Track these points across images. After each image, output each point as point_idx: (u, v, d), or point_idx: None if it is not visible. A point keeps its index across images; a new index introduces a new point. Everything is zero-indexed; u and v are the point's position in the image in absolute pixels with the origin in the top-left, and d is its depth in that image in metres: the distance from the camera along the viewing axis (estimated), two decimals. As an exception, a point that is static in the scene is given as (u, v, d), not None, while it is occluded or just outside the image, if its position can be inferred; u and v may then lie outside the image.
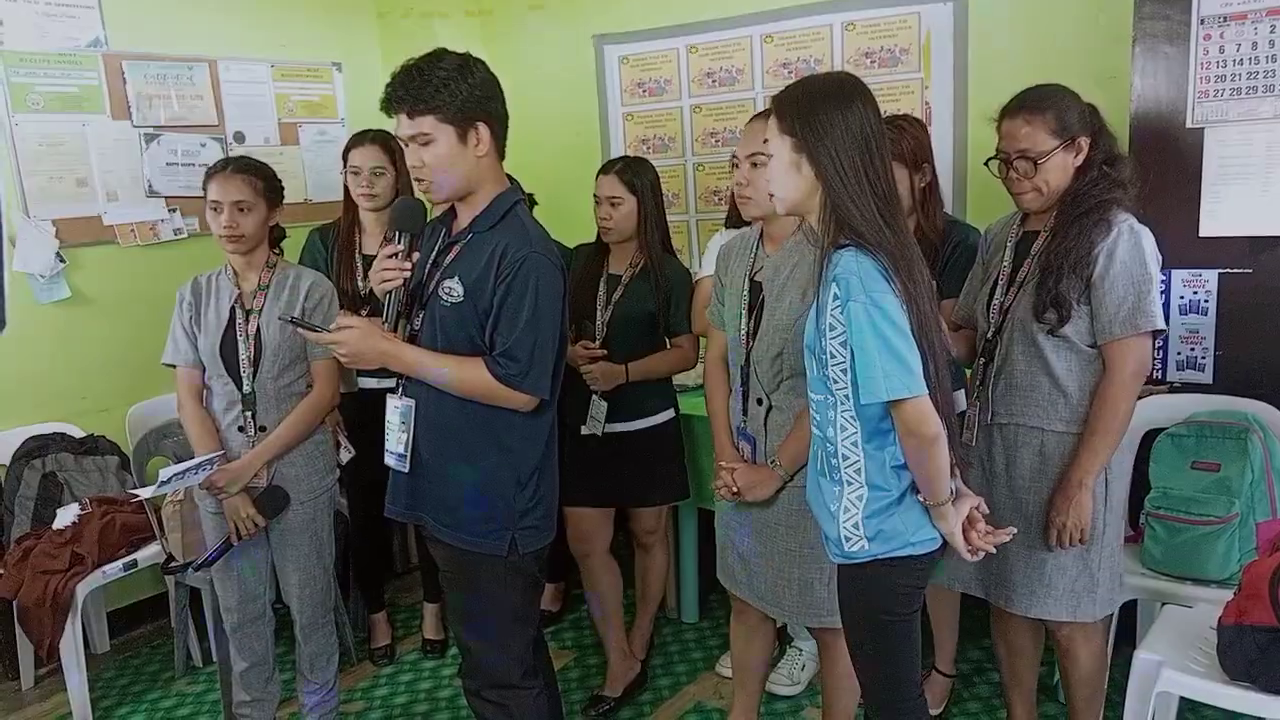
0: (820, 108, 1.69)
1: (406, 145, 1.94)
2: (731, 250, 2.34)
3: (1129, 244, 2.02)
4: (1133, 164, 2.12)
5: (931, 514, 1.76)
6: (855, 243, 1.67)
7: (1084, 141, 2.09)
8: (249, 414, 2.48)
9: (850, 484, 1.76)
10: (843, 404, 1.73)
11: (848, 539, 1.76)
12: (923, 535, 1.76)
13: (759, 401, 2.20)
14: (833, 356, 1.69)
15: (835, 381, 1.72)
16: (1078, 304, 2.05)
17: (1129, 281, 2.01)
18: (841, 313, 1.65)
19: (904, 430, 1.68)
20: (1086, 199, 2.06)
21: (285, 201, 2.63)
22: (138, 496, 2.56)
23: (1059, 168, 2.09)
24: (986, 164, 2.21)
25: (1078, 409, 2.10)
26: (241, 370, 2.46)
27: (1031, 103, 2.11)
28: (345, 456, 2.83)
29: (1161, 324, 2.03)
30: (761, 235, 2.26)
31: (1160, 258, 2.09)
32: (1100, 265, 2.03)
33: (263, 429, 2.48)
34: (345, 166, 3.07)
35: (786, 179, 1.74)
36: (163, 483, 2.34)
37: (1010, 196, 2.20)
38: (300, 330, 2.13)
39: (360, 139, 3.03)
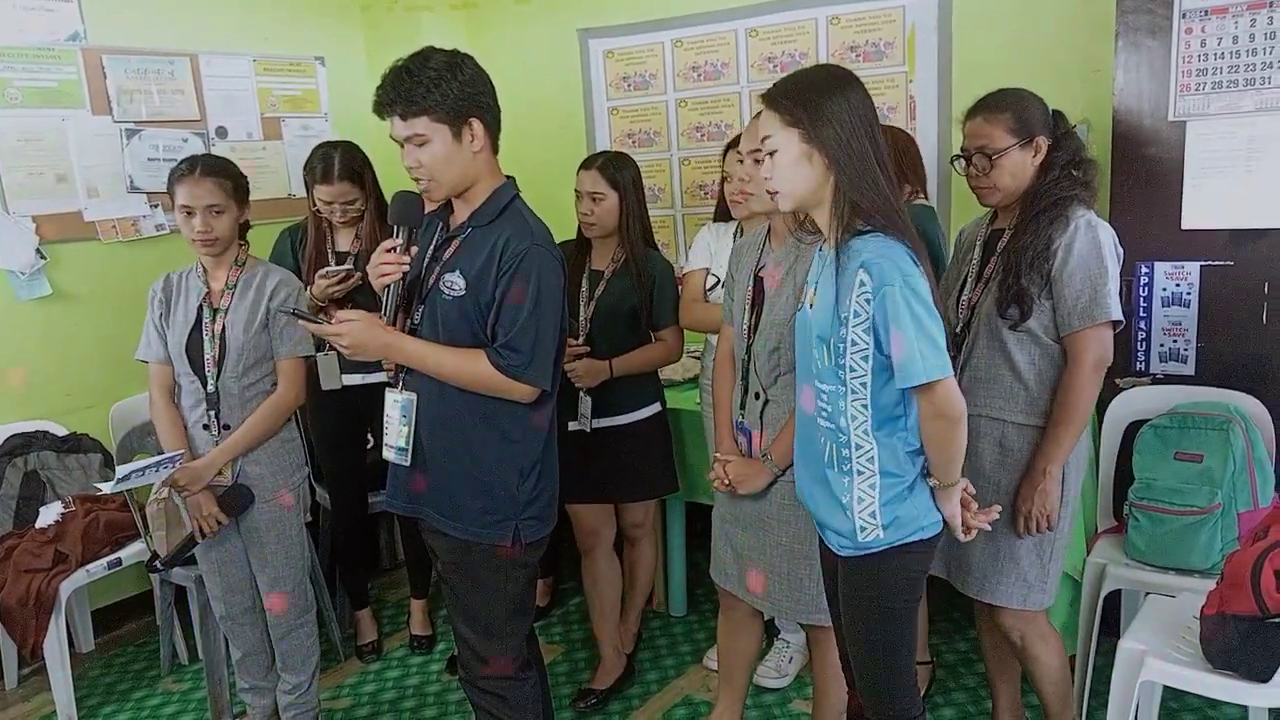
0: (822, 96, 1.69)
1: (402, 146, 1.93)
2: (744, 246, 2.37)
3: (1086, 238, 2.07)
4: (1096, 168, 2.17)
5: (938, 495, 1.78)
6: (876, 228, 1.67)
7: (1043, 141, 2.14)
8: (212, 413, 2.47)
9: (862, 473, 1.75)
10: (855, 393, 1.72)
11: (863, 529, 1.76)
12: (931, 518, 1.78)
13: (756, 396, 2.22)
14: (854, 344, 1.68)
15: (853, 370, 1.70)
16: (1039, 299, 2.11)
17: (1085, 275, 2.06)
18: (870, 299, 1.64)
19: (933, 412, 1.68)
20: (1046, 196, 2.12)
21: (269, 196, 2.61)
22: (102, 491, 2.54)
23: (1016, 165, 2.14)
24: (952, 161, 2.27)
25: (1038, 401, 2.16)
26: (206, 369, 2.46)
27: (991, 103, 2.18)
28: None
29: (1118, 315, 2.08)
30: (769, 232, 2.28)
31: (1121, 251, 2.14)
32: (1058, 260, 2.08)
33: (226, 428, 2.47)
34: (309, 192, 3.01)
35: (796, 173, 1.72)
36: (120, 479, 2.32)
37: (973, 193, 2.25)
38: (301, 322, 2.13)
39: (327, 175, 2.92)
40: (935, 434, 1.71)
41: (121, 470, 2.32)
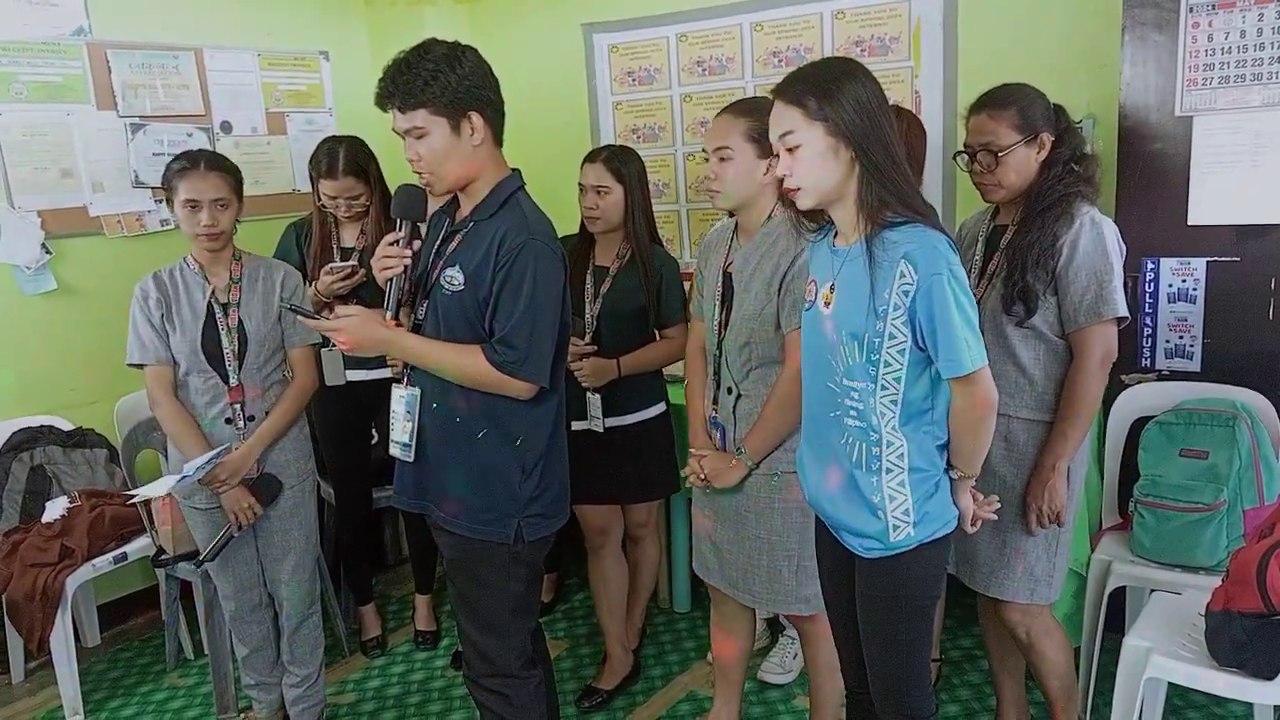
0: (843, 88, 1.66)
1: (403, 139, 1.93)
2: (711, 242, 2.38)
3: (1091, 235, 2.08)
4: (1097, 163, 2.18)
5: (956, 488, 1.78)
6: (910, 218, 1.66)
7: (1047, 138, 2.14)
8: (237, 406, 2.48)
9: (891, 471, 1.73)
10: (885, 388, 1.70)
11: (895, 528, 1.73)
12: (952, 513, 1.78)
13: (729, 391, 2.23)
14: (891, 337, 1.66)
15: (887, 365, 1.68)
16: (1044, 295, 2.11)
17: (1091, 272, 2.07)
18: (910, 291, 1.62)
19: (971, 401, 1.67)
20: (1050, 193, 2.12)
21: (273, 191, 2.62)
22: (139, 496, 2.55)
23: (1021, 162, 2.14)
24: (955, 158, 2.27)
25: (1043, 396, 2.17)
26: (227, 363, 2.47)
27: (996, 99, 2.17)
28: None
29: (1124, 311, 2.08)
30: (736, 227, 2.28)
31: (1124, 248, 2.15)
32: (1064, 257, 2.08)
33: (251, 419, 2.50)
34: (314, 187, 3.02)
35: (821, 167, 1.69)
36: (183, 477, 2.34)
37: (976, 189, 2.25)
38: (301, 318, 2.13)
39: (332, 170, 2.94)
40: (970, 423, 1.70)
41: (188, 468, 2.35)
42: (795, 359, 2.11)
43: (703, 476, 2.25)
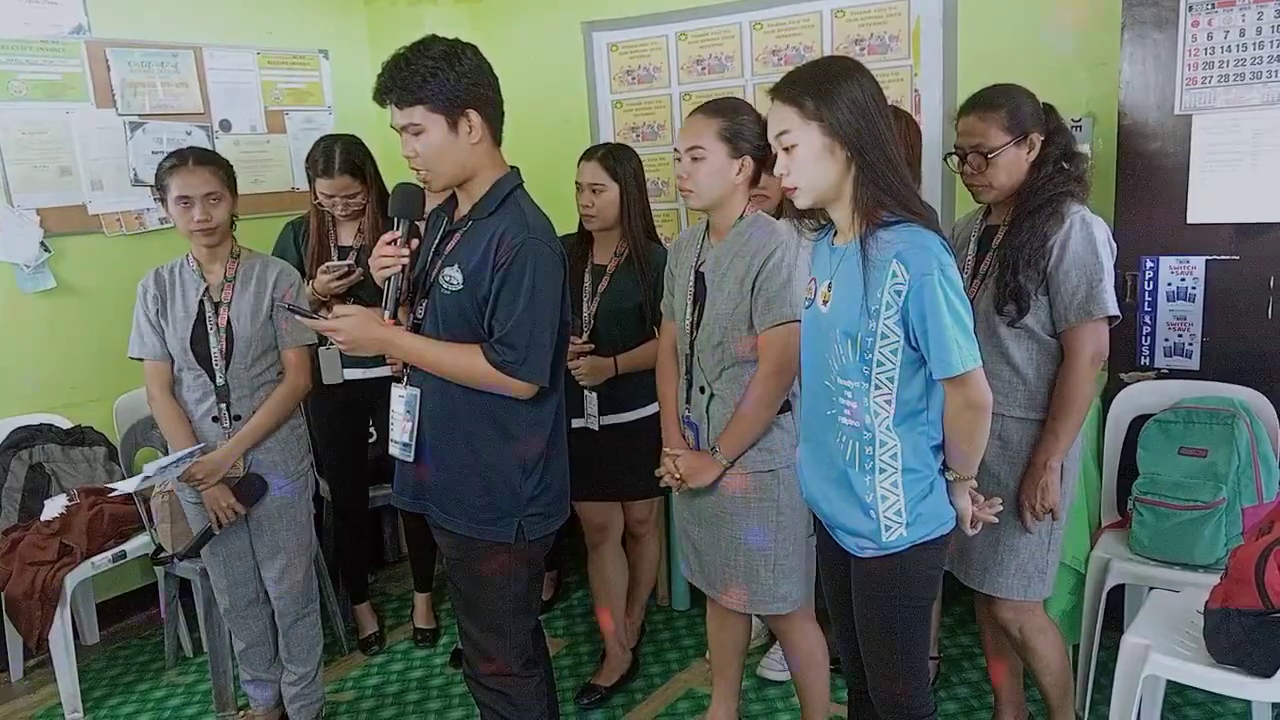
0: (839, 87, 1.66)
1: (401, 135, 1.93)
2: (682, 242, 2.38)
3: (1081, 235, 2.09)
4: (1087, 162, 2.18)
5: (954, 489, 1.77)
6: (905, 218, 1.66)
7: (1036, 138, 2.15)
8: (223, 405, 2.48)
9: (884, 471, 1.73)
10: (879, 388, 1.70)
11: (888, 528, 1.73)
12: (948, 514, 1.78)
13: (701, 390, 2.24)
14: (884, 337, 1.66)
15: (880, 364, 1.68)
16: (1036, 295, 2.12)
17: (1081, 271, 2.08)
18: (902, 291, 1.62)
19: (964, 402, 1.66)
20: (1041, 193, 2.13)
21: (272, 189, 2.62)
22: (116, 491, 2.55)
23: (1011, 162, 2.15)
24: (946, 159, 2.28)
25: (1035, 395, 2.18)
26: (214, 362, 2.47)
27: (985, 100, 2.18)
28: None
29: (1114, 310, 2.09)
30: (708, 227, 2.28)
31: (1114, 247, 2.15)
32: (1054, 256, 2.09)
33: (237, 418, 2.49)
34: (311, 185, 3.02)
35: (817, 167, 1.69)
36: (145, 477, 2.34)
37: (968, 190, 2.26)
38: (298, 317, 2.13)
39: (328, 169, 2.94)
40: (964, 425, 1.69)
41: (147, 469, 2.34)
42: (769, 358, 2.12)
43: (677, 476, 2.25)
